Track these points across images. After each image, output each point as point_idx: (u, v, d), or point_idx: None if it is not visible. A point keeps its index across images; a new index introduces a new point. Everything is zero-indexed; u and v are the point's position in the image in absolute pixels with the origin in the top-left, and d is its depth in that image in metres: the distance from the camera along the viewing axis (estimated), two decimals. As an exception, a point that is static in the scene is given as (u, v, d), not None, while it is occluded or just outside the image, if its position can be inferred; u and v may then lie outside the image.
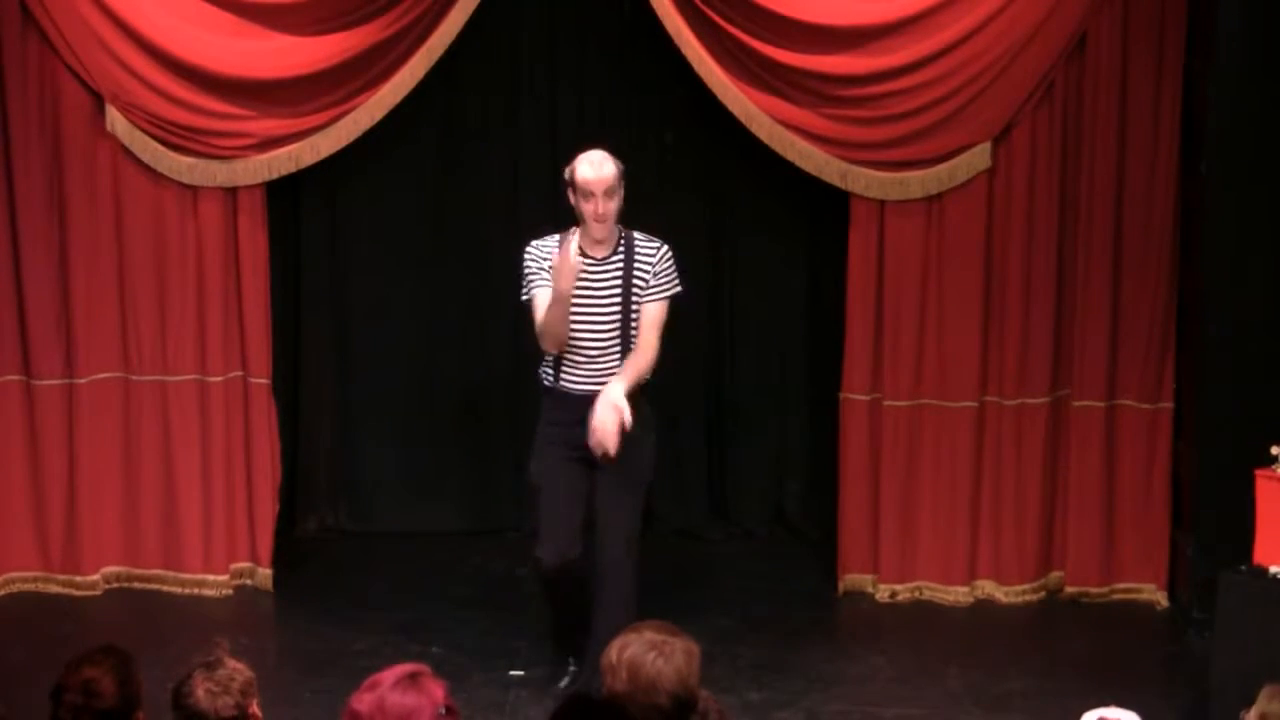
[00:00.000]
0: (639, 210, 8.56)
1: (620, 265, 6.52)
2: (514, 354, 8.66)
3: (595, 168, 6.45)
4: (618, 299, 6.50)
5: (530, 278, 6.56)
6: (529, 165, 8.53)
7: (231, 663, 4.09)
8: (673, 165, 8.55)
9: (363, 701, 3.80)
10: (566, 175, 6.54)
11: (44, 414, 7.79)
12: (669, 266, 6.55)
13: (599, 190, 6.42)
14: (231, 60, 7.55)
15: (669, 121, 8.49)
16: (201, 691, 4.00)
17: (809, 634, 7.57)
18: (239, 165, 7.69)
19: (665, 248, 6.59)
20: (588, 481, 6.46)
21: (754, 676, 7.00)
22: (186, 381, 7.83)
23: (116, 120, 7.62)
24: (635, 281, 6.49)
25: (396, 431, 8.62)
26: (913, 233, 7.75)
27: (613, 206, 6.47)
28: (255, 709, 4.09)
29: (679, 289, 6.60)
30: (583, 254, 6.49)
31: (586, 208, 6.44)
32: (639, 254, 6.51)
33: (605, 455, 6.20)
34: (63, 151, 7.67)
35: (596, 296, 6.48)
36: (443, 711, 3.80)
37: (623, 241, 6.56)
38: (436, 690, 3.83)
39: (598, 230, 6.44)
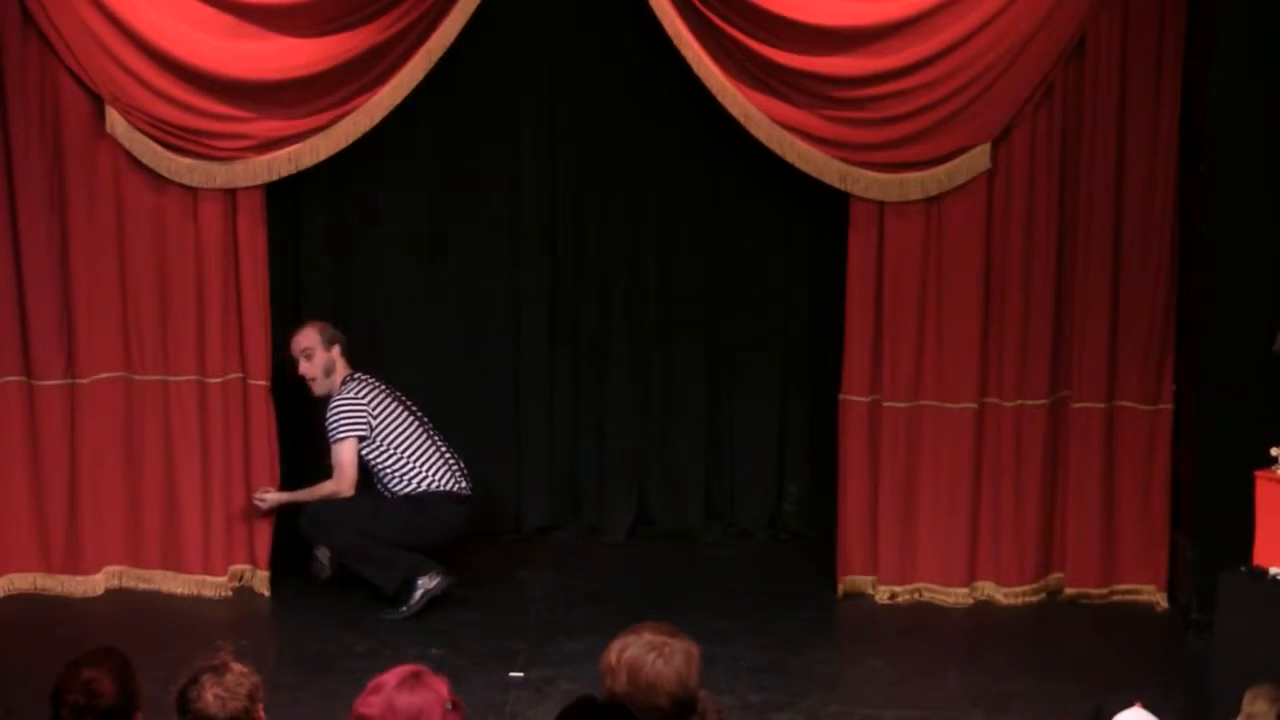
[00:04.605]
0: (640, 210, 8.63)
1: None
2: (514, 355, 8.67)
3: (294, 335, 7.87)
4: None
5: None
6: (528, 166, 8.54)
7: (238, 666, 4.08)
8: (671, 166, 8.56)
9: (370, 705, 3.79)
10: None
11: (45, 415, 7.79)
12: (330, 417, 7.79)
13: (296, 353, 7.84)
14: (231, 62, 7.55)
15: (668, 123, 8.49)
16: (210, 696, 3.99)
17: (808, 635, 7.57)
18: (239, 167, 7.69)
19: (334, 402, 7.79)
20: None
21: (753, 678, 7.00)
22: (187, 382, 7.83)
23: (116, 122, 7.62)
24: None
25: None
26: (912, 234, 7.75)
27: (311, 366, 7.84)
28: (260, 713, 4.08)
29: (337, 438, 7.75)
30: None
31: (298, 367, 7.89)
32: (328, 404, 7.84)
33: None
34: (63, 153, 7.67)
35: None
36: (450, 707, 3.80)
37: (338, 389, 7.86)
38: (440, 686, 3.83)
39: (311, 387, 7.91)
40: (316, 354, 7.82)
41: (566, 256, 8.64)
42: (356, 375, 7.86)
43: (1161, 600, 7.88)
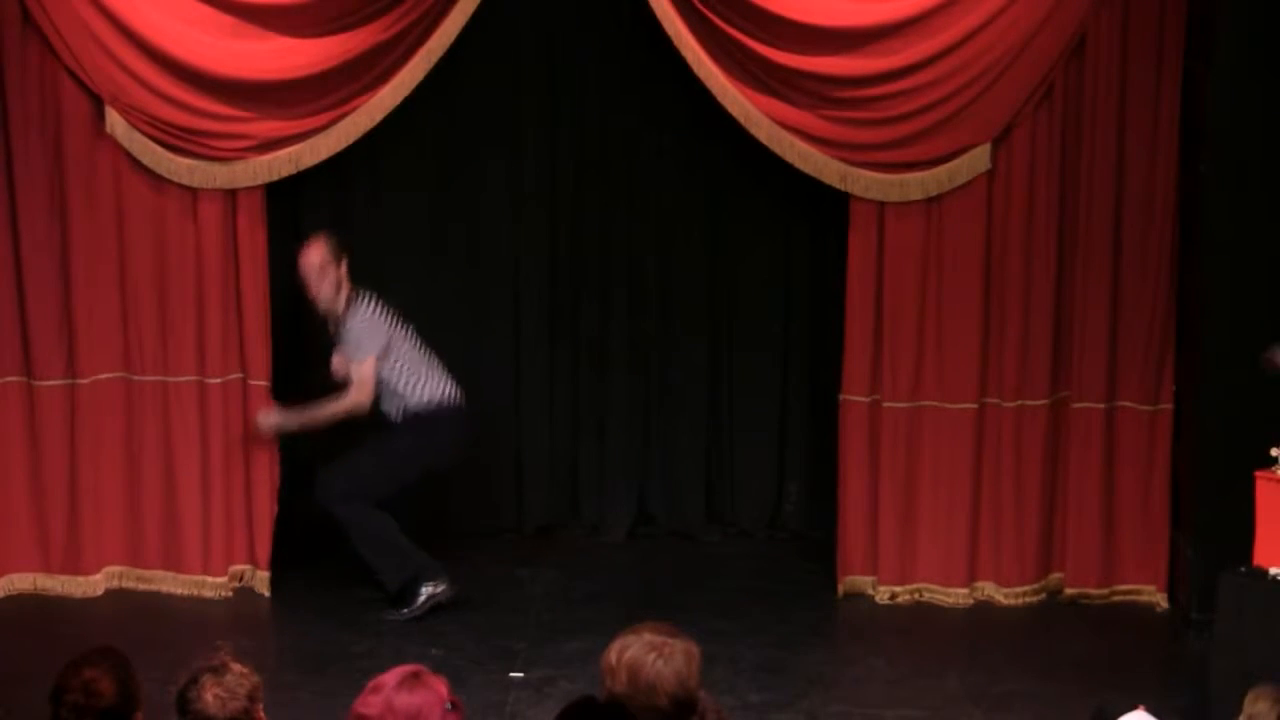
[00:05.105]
0: (640, 210, 8.63)
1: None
2: (514, 354, 8.67)
3: (303, 256, 7.68)
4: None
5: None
6: (529, 166, 8.54)
7: (237, 667, 4.07)
8: (671, 166, 8.55)
9: (369, 705, 3.79)
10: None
11: (45, 415, 7.79)
12: (352, 334, 7.65)
13: (309, 270, 7.67)
14: (231, 62, 7.55)
15: (668, 123, 8.49)
16: (210, 696, 3.99)
17: (809, 636, 7.57)
18: (239, 167, 7.69)
19: (354, 321, 7.64)
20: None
21: (754, 678, 7.01)
22: (187, 383, 7.83)
23: (116, 122, 7.62)
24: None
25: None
26: (912, 234, 7.75)
27: (325, 283, 7.63)
28: (260, 713, 4.08)
29: (361, 354, 7.61)
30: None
31: (308, 284, 7.71)
32: (345, 321, 7.70)
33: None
34: (63, 154, 7.67)
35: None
36: (449, 706, 3.80)
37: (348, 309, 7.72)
38: (440, 686, 3.83)
39: (319, 302, 7.73)
40: (330, 270, 7.68)
41: (566, 256, 8.64)
42: (360, 291, 7.75)
43: (1161, 600, 7.87)
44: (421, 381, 7.72)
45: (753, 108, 7.63)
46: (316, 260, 7.66)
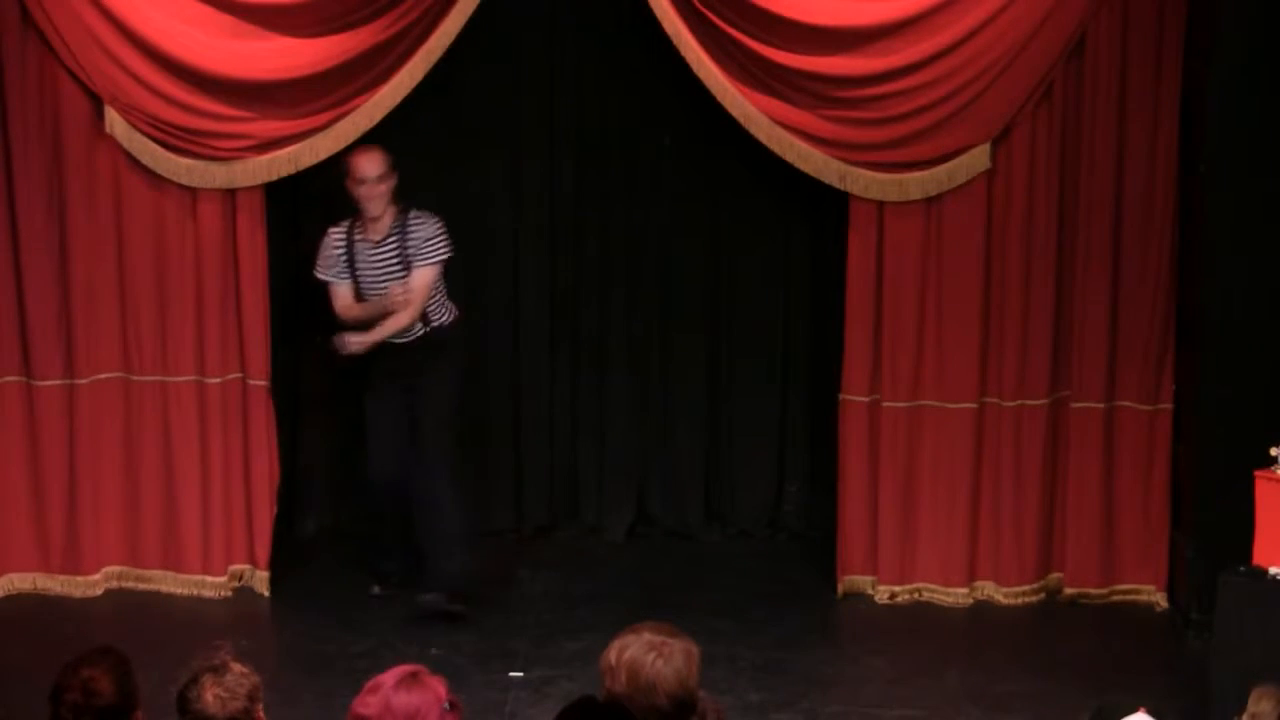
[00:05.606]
0: (640, 210, 8.63)
1: (396, 242, 7.55)
2: (514, 354, 8.67)
3: (359, 161, 7.51)
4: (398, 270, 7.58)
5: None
6: (529, 166, 8.54)
7: (237, 666, 4.08)
8: (671, 166, 8.55)
9: (367, 705, 3.79)
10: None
11: (44, 415, 7.79)
12: (429, 240, 7.55)
13: (369, 176, 7.48)
14: (231, 62, 7.55)
15: (668, 123, 8.49)
16: (210, 696, 3.99)
17: (808, 635, 7.57)
18: (238, 167, 7.69)
19: (427, 228, 7.55)
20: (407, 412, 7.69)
21: (753, 678, 7.01)
22: (186, 383, 7.83)
23: (115, 122, 7.62)
24: (409, 253, 7.55)
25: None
26: (912, 234, 7.75)
27: (385, 192, 7.51)
28: (260, 713, 4.09)
29: (435, 259, 7.56)
30: (365, 236, 7.63)
31: (361, 191, 7.51)
32: (410, 230, 7.54)
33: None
34: (63, 153, 7.68)
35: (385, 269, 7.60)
36: (447, 706, 3.80)
37: (398, 222, 7.60)
38: (438, 686, 3.83)
39: (371, 210, 7.53)
40: (387, 179, 7.51)
41: (566, 256, 8.64)
42: (415, 208, 7.64)
43: (1161, 600, 7.87)
44: (446, 302, 7.70)
45: (753, 108, 7.63)
46: (378, 167, 7.50)
